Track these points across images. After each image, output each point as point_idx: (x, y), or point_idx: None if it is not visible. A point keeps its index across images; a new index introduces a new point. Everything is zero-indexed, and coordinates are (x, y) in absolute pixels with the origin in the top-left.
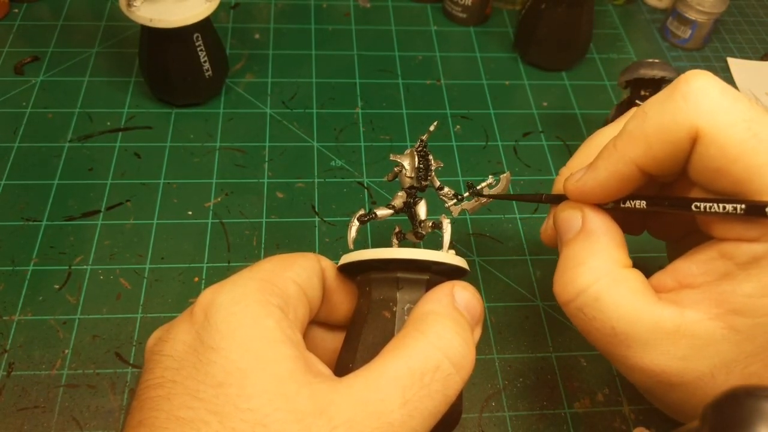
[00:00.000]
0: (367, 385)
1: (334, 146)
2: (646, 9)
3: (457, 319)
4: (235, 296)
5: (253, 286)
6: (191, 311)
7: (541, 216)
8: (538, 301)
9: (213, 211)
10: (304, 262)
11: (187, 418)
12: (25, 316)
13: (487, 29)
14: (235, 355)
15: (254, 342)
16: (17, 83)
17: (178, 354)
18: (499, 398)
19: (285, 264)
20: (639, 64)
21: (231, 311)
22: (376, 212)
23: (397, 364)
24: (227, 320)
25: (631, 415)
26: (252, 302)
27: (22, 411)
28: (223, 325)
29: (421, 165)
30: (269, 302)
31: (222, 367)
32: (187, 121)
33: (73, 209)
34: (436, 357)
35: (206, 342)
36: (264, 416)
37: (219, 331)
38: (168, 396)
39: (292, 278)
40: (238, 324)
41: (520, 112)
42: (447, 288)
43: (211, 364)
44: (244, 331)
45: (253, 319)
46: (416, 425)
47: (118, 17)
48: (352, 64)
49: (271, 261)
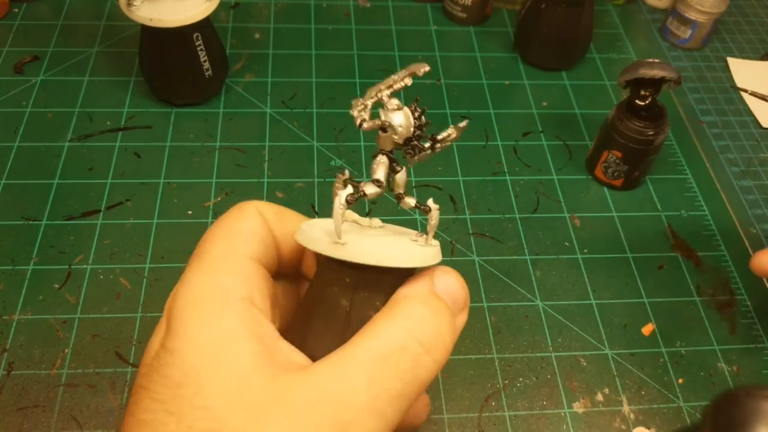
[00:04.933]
0: (330, 370)
1: (334, 146)
2: (646, 9)
3: (431, 302)
4: (191, 298)
5: (207, 283)
6: (164, 315)
7: (540, 216)
8: (538, 301)
9: (213, 210)
10: (249, 228)
11: (147, 420)
12: (25, 315)
13: (487, 29)
14: (191, 356)
15: (210, 342)
16: (17, 83)
17: (148, 361)
18: (498, 398)
19: (230, 241)
20: (639, 63)
21: (188, 314)
22: (365, 191)
23: (362, 347)
24: (184, 323)
25: (630, 415)
26: (209, 301)
27: (21, 410)
28: (180, 329)
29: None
30: (228, 297)
31: (179, 368)
32: (187, 121)
33: (73, 209)
34: (401, 337)
35: (166, 346)
36: (220, 413)
37: (176, 334)
38: (135, 402)
39: (245, 255)
40: (195, 325)
41: (520, 112)
42: (427, 274)
43: (168, 366)
44: (200, 332)
45: (210, 319)
46: (384, 407)
47: (118, 17)
48: (352, 63)
49: (214, 242)
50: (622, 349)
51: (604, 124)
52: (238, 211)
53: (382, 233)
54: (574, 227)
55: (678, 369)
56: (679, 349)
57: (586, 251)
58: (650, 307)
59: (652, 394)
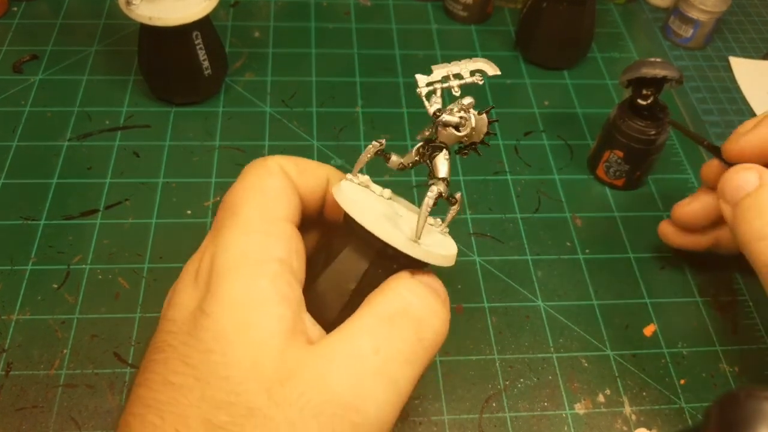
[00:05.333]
0: (339, 340)
1: (334, 145)
2: (647, 8)
3: (420, 280)
4: (233, 259)
5: (248, 244)
6: (197, 273)
7: (541, 216)
8: (539, 301)
9: (212, 210)
10: (279, 186)
11: (177, 383)
12: (23, 315)
13: (488, 28)
14: (224, 321)
15: (241, 306)
16: (16, 82)
17: (180, 318)
18: (499, 399)
19: (263, 200)
20: (641, 63)
21: (229, 276)
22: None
23: (365, 315)
24: (222, 285)
25: (632, 417)
26: (249, 263)
27: (20, 411)
28: (218, 290)
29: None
30: (267, 259)
31: (212, 332)
32: (187, 120)
33: (72, 208)
34: (402, 300)
35: (202, 307)
36: (237, 385)
37: (214, 295)
38: (164, 360)
39: (278, 215)
40: (231, 288)
41: (522, 111)
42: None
43: (202, 329)
44: (235, 295)
45: (246, 281)
46: (394, 373)
47: (117, 15)
48: (353, 62)
49: (246, 200)
50: (623, 349)
51: (605, 123)
52: (263, 169)
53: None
54: (575, 227)
55: (680, 370)
56: (680, 349)
57: (588, 251)
58: (652, 308)
59: (654, 395)
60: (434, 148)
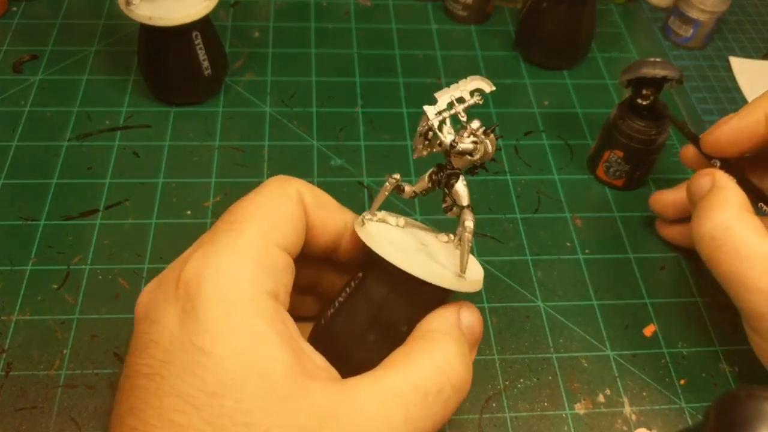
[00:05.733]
0: (371, 398)
1: (334, 145)
2: (647, 8)
3: (460, 340)
4: (223, 283)
5: (243, 270)
6: (175, 286)
7: (542, 216)
8: (539, 301)
9: (212, 210)
10: (289, 214)
11: (179, 422)
12: (23, 316)
13: (488, 28)
14: (229, 364)
15: (248, 350)
16: (16, 82)
17: (165, 343)
18: (499, 399)
19: (267, 224)
20: (641, 63)
21: (220, 307)
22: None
23: (403, 380)
24: (217, 319)
25: (632, 417)
26: (243, 298)
27: (20, 411)
28: (212, 324)
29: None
30: (261, 293)
31: (215, 374)
32: (186, 120)
33: (72, 208)
34: (440, 380)
35: (196, 342)
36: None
37: (209, 331)
38: (157, 393)
39: (279, 244)
40: (230, 327)
41: (521, 111)
42: (454, 308)
43: (201, 367)
44: (237, 337)
45: (245, 321)
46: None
47: (117, 15)
48: (353, 62)
49: (251, 220)
50: (623, 350)
51: (605, 123)
52: (281, 190)
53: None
54: (575, 227)
55: (679, 370)
56: (680, 350)
57: (588, 251)
58: (652, 308)
59: (654, 395)
60: (449, 176)
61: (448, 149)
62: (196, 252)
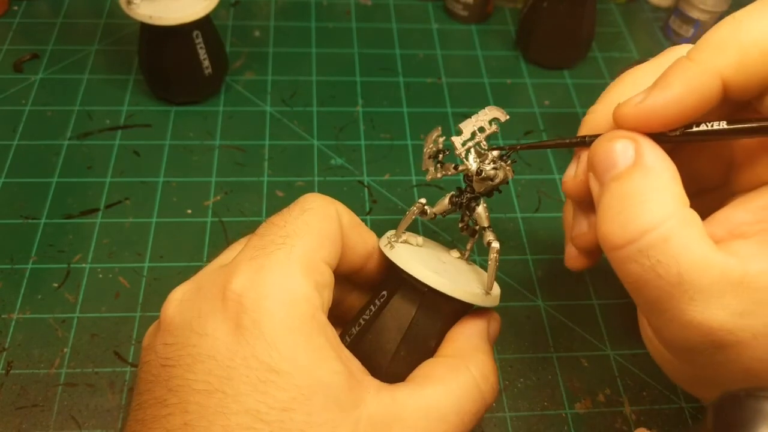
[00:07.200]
0: (417, 412)
1: (334, 144)
2: (648, 7)
3: (491, 353)
4: (285, 299)
5: (301, 286)
6: (223, 297)
7: (542, 216)
8: (539, 301)
9: (212, 209)
10: (333, 233)
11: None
12: (23, 314)
13: (489, 27)
14: (298, 380)
15: (314, 366)
16: (16, 81)
17: (222, 359)
18: (499, 399)
19: (317, 242)
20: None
21: (285, 324)
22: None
23: (446, 401)
24: (283, 336)
25: (632, 416)
26: (304, 314)
27: (20, 410)
28: (279, 341)
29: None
30: (317, 309)
31: (286, 390)
32: (187, 119)
33: (72, 207)
34: (479, 403)
35: (263, 359)
36: None
37: (276, 348)
38: (222, 410)
39: (326, 260)
40: (295, 343)
41: (522, 111)
42: (484, 321)
43: (271, 384)
44: (302, 353)
45: (308, 337)
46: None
47: (118, 15)
48: (353, 61)
49: (301, 236)
50: (623, 349)
51: None
52: (324, 209)
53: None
54: None
55: None
56: None
57: None
58: None
59: (654, 394)
60: (470, 199)
61: (473, 175)
62: (245, 263)
